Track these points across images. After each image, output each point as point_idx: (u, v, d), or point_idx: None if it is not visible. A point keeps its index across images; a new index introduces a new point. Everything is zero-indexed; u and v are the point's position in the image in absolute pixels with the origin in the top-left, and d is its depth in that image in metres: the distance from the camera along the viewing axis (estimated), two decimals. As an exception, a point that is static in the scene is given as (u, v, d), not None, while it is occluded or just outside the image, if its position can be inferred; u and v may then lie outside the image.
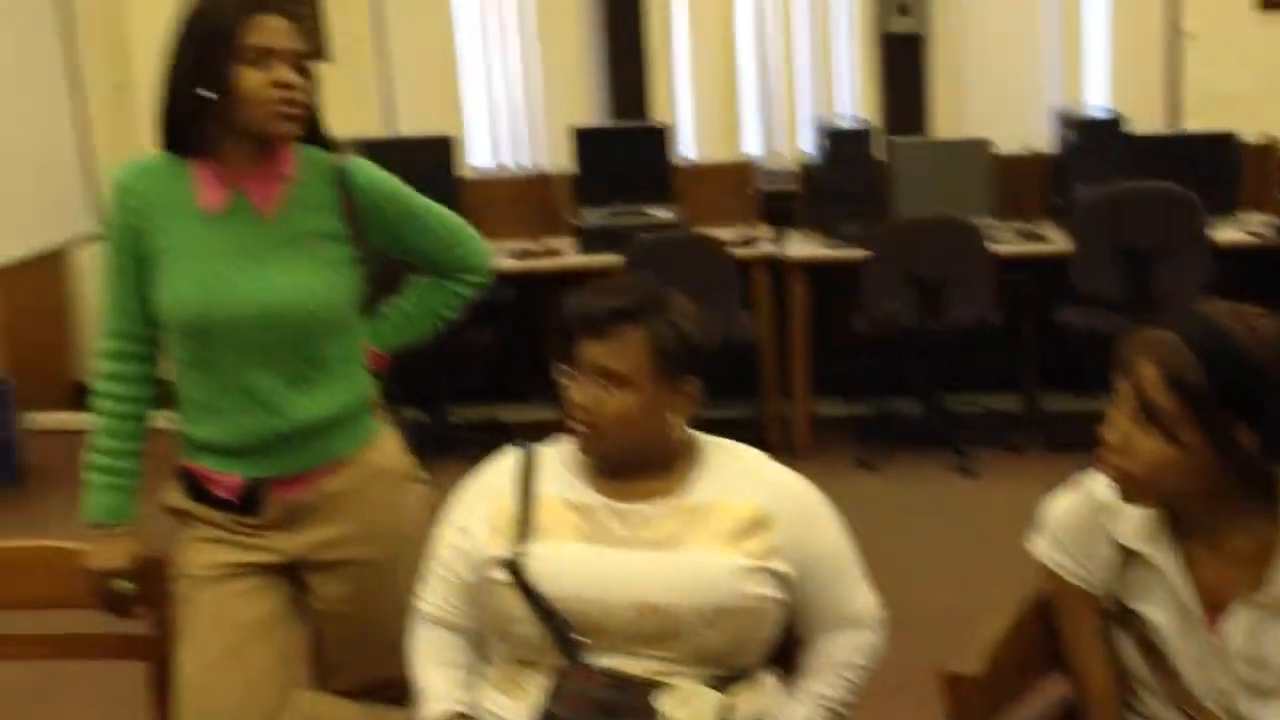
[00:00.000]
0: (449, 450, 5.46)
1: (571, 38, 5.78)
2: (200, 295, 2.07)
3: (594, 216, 5.44)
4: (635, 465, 1.96)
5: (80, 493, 2.15)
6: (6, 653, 2.23)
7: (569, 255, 5.36)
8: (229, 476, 2.15)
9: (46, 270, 5.96)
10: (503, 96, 5.91)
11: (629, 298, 1.92)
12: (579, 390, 1.92)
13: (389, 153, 5.72)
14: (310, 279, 2.11)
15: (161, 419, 2.17)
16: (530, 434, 2.17)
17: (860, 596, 2.00)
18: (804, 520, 1.95)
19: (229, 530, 2.17)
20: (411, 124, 5.97)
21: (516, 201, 5.74)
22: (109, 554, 2.12)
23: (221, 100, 2.03)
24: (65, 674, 3.61)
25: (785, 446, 4.84)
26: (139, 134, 5.85)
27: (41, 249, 4.91)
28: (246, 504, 2.15)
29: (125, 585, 2.12)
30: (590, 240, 5.33)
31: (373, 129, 5.96)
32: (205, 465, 2.16)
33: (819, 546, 1.95)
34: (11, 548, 2.24)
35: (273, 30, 2.03)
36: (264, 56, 2.02)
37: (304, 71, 2.09)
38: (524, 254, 5.37)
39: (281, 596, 2.19)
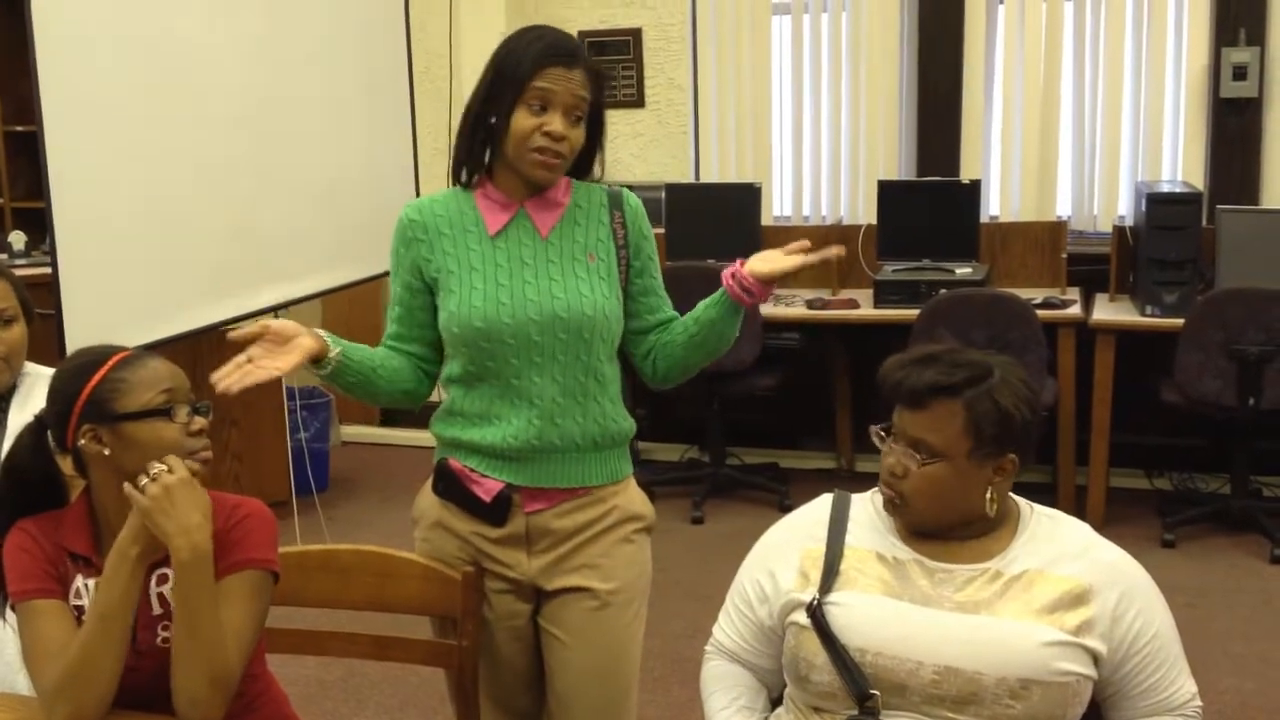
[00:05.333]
0: (725, 491, 5.51)
1: (884, 94, 5.76)
2: (487, 302, 2.20)
3: (893, 270, 5.40)
4: (948, 529, 1.93)
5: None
6: (329, 649, 2.36)
7: (864, 308, 5.33)
8: (491, 480, 2.24)
9: (364, 296, 6.35)
10: (810, 149, 5.94)
11: (949, 372, 1.88)
12: (891, 456, 1.91)
13: (696, 196, 5.89)
14: (586, 287, 2.23)
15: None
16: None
17: (1180, 684, 1.90)
18: (1126, 599, 1.87)
19: (472, 545, 2.28)
20: (720, 171, 6.09)
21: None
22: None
23: (498, 130, 2.18)
24: (368, 674, 3.83)
25: (1078, 516, 4.60)
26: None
27: (363, 277, 5.20)
28: (498, 509, 2.24)
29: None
30: (886, 293, 5.28)
31: (683, 174, 6.10)
32: (470, 465, 2.26)
33: (1140, 627, 1.87)
34: (335, 550, 2.37)
35: (559, 80, 2.15)
36: (544, 103, 2.15)
37: (590, 122, 2.21)
38: (819, 303, 5.37)
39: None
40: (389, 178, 5.28)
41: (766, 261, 2.19)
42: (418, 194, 5.40)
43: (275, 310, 4.66)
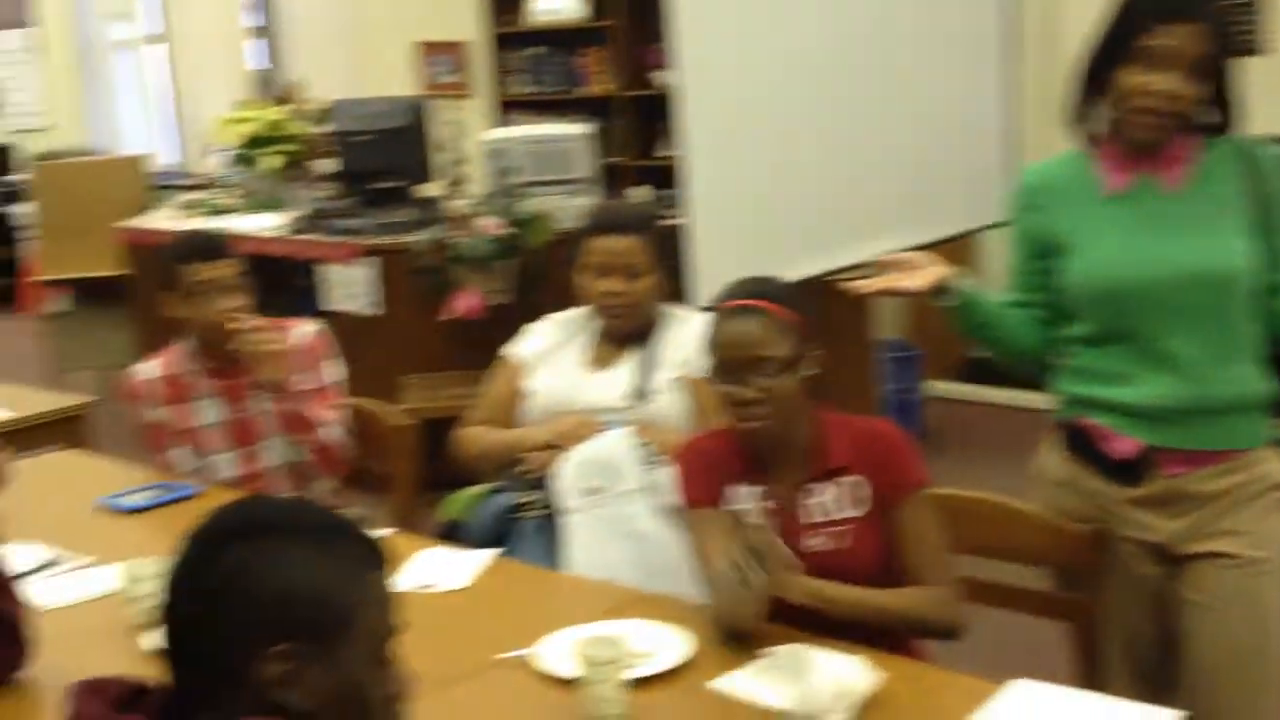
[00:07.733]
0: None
1: None
2: (1111, 266, 2.15)
3: None
4: None
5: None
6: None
7: None
8: (1126, 439, 2.17)
9: (957, 252, 6.30)
10: None
11: None
12: None
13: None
14: (1230, 241, 2.12)
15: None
16: None
17: None
18: None
19: (1100, 505, 2.22)
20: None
21: None
22: None
23: (1106, 87, 2.11)
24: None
25: None
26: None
27: (957, 232, 5.14)
28: (1136, 469, 2.16)
29: None
30: None
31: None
32: (1104, 423, 2.20)
33: None
34: (954, 495, 2.42)
35: (1164, 37, 2.03)
36: (1149, 63, 2.04)
37: (1211, 76, 2.07)
38: None
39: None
40: (985, 137, 5.20)
41: None
42: (1030, 142, 5.28)
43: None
